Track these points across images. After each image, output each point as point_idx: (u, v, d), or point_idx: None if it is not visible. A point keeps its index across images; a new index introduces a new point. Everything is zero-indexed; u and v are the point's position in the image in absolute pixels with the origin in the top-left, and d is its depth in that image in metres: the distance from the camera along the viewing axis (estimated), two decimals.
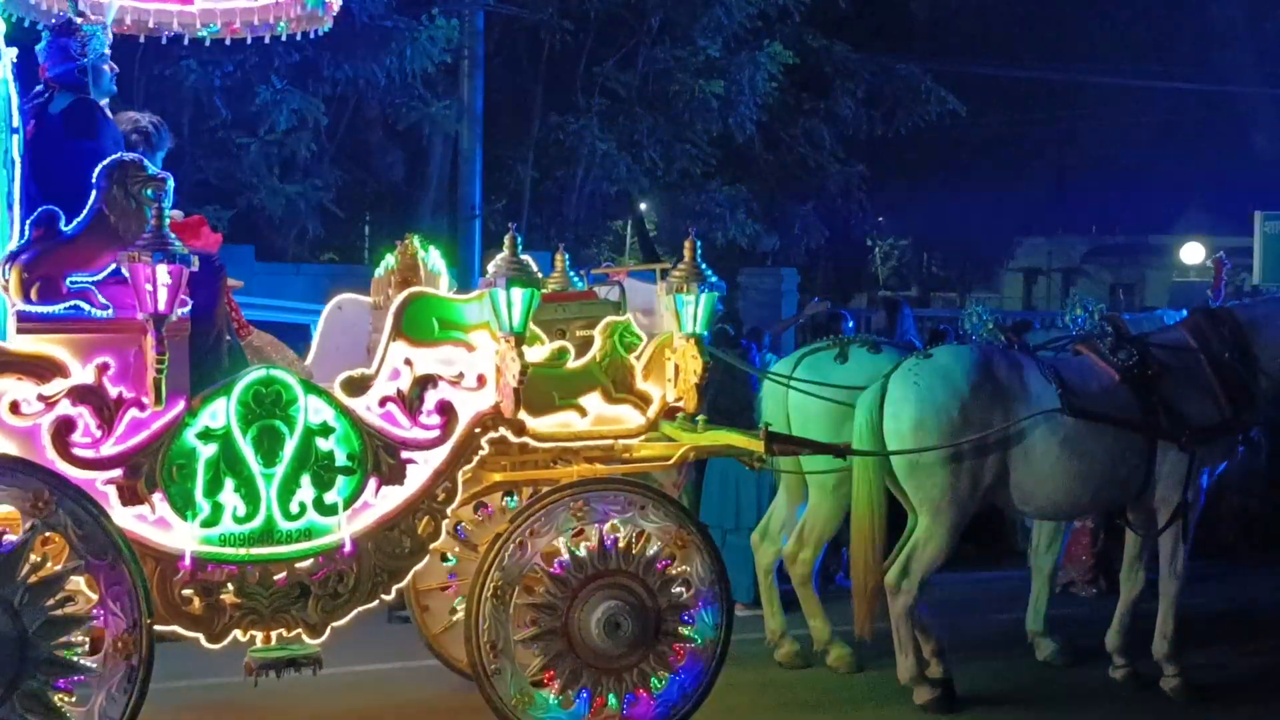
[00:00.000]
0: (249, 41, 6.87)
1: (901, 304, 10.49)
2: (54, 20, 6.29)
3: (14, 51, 5.61)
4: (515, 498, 6.86)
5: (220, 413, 5.53)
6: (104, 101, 6.19)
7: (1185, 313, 7.95)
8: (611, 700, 5.99)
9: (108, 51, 6.20)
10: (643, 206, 21.97)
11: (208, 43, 6.92)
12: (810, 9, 17.60)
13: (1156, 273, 32.58)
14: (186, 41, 6.87)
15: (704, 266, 6.26)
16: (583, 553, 6.00)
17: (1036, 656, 7.99)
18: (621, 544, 6.04)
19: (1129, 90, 26.49)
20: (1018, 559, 9.58)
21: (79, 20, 6.13)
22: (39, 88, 6.02)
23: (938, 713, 6.99)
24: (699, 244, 6.33)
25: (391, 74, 13.63)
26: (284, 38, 6.77)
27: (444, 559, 7.11)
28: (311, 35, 6.96)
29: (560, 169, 17.25)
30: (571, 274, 7.38)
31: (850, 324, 10.78)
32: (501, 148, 17.10)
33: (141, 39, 6.83)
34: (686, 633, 6.12)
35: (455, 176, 16.64)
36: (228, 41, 6.85)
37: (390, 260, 6.70)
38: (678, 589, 6.10)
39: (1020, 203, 28.65)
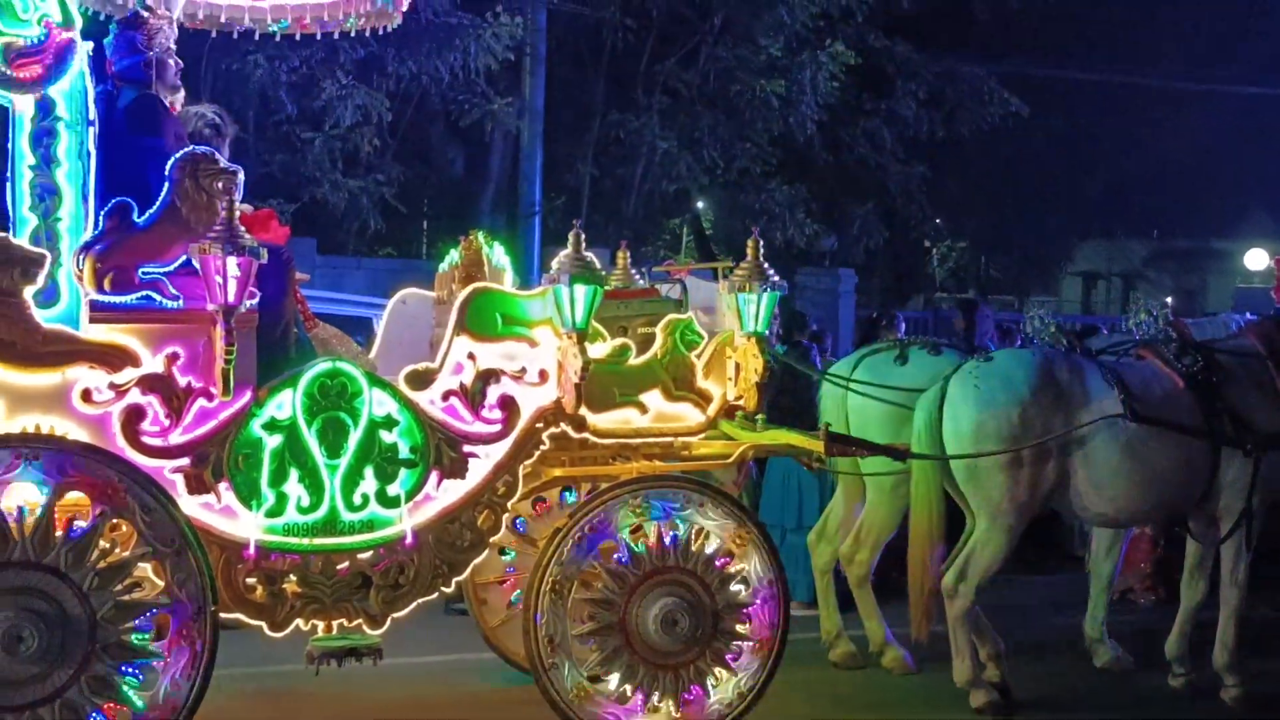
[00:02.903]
0: (318, 37, 6.92)
1: (980, 305, 10.44)
2: (122, 13, 6.39)
3: (89, 45, 5.69)
4: (574, 493, 6.90)
5: (286, 404, 5.60)
6: (172, 96, 6.29)
7: (1250, 317, 7.85)
8: (668, 696, 6.01)
9: (173, 46, 6.30)
10: (699, 205, 21.98)
11: (277, 38, 6.98)
12: (873, 9, 17.55)
13: (1219, 278, 32.20)
14: (257, 36, 6.94)
15: (766, 266, 6.27)
16: (641, 549, 6.03)
17: (1094, 663, 7.93)
18: (680, 541, 6.06)
19: (1191, 93, 26.20)
20: (1075, 564, 9.52)
21: (145, 14, 6.22)
22: (106, 83, 6.11)
23: (994, 716, 6.96)
24: (760, 243, 6.34)
25: (455, 70, 13.71)
26: (353, 34, 6.84)
27: (502, 553, 7.16)
28: (380, 32, 7.03)
29: (620, 167, 17.29)
30: (633, 271, 7.40)
31: (903, 326, 10.74)
32: (562, 145, 17.16)
33: (213, 33, 6.91)
34: (743, 631, 6.13)
35: (515, 173, 16.73)
36: (297, 37, 6.91)
37: (454, 255, 6.74)
38: (735, 587, 6.11)
39: (1080, 206, 28.40)
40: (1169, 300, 21.09)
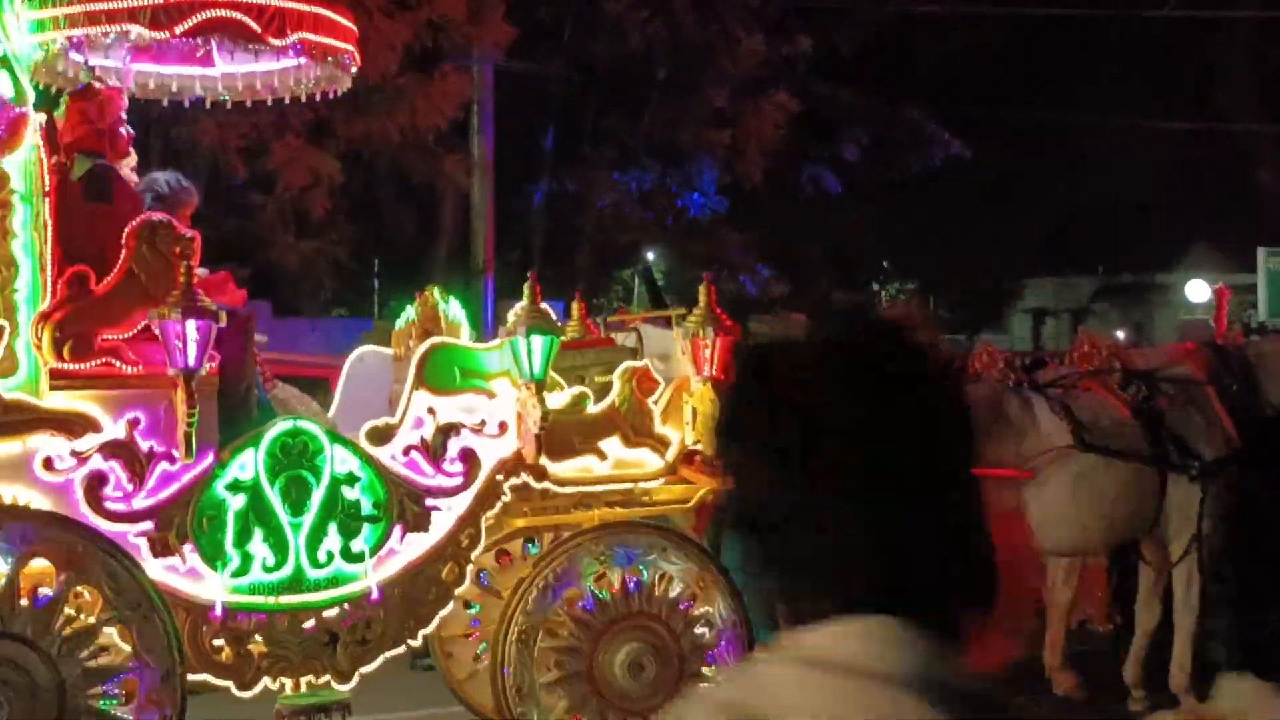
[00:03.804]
0: (268, 103, 7.00)
1: None
2: (73, 86, 6.46)
3: (41, 117, 5.77)
4: (536, 544, 6.96)
5: (249, 464, 5.65)
6: (126, 164, 6.35)
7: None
8: None
9: (124, 115, 6.37)
10: (650, 256, 22.15)
11: (227, 105, 7.05)
12: (815, 57, 17.81)
13: (1164, 310, 32.64)
14: (208, 104, 7.02)
15: (719, 310, 6.39)
16: (605, 595, 6.10)
17: (1054, 691, 8.02)
18: (644, 586, 6.13)
19: (1132, 130, 26.68)
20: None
21: (97, 86, 6.29)
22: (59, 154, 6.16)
23: None
24: (713, 289, 6.46)
25: (404, 130, 13.84)
26: (304, 99, 6.93)
27: (467, 606, 7.17)
28: (329, 96, 7.12)
29: (571, 220, 17.45)
30: (589, 321, 7.51)
31: None
32: (512, 200, 17.30)
33: (164, 102, 6.98)
34: (709, 673, 6.19)
35: (467, 229, 16.84)
36: (248, 103, 6.99)
37: (410, 312, 6.82)
38: (700, 629, 6.19)
39: (1027, 244, 28.78)
40: (1119, 334, 21.38)
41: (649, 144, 17.59)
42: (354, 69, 6.66)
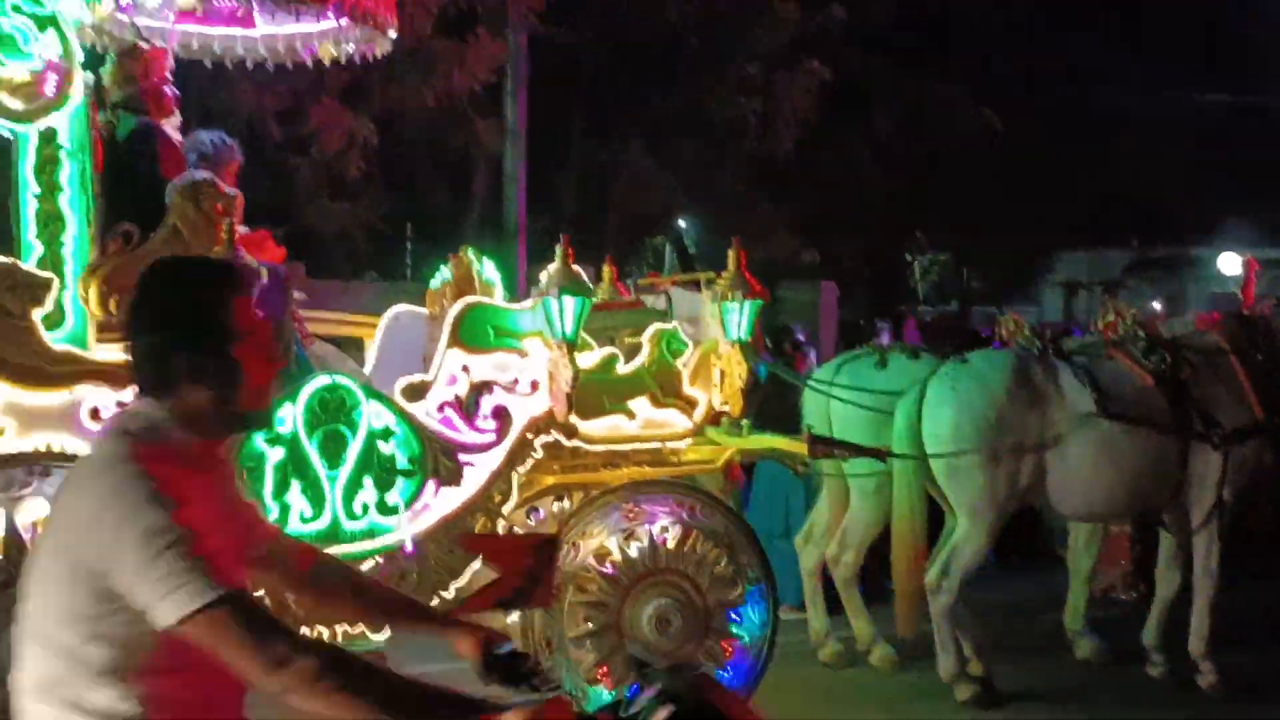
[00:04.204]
0: (310, 64, 7.11)
1: (908, 316, 10.72)
2: (120, 46, 6.59)
3: (89, 76, 5.90)
4: (567, 502, 7.09)
5: (288, 418, 5.78)
6: (170, 123, 6.48)
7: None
8: None
9: (169, 75, 6.50)
10: (681, 224, 22.21)
11: (268, 66, 7.16)
12: (848, 28, 17.78)
13: (1197, 285, 32.50)
14: (249, 65, 7.14)
15: (748, 275, 6.49)
16: (634, 552, 6.22)
17: (1076, 655, 8.14)
18: (671, 543, 6.25)
19: (1169, 103, 26.54)
20: (1057, 563, 9.71)
21: (143, 46, 6.41)
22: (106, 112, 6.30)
23: (979, 709, 7.16)
24: (743, 253, 6.56)
25: (438, 95, 13.92)
26: (343, 61, 7.03)
27: None
28: (366, 59, 7.21)
29: (601, 188, 17.51)
30: (620, 284, 7.62)
31: (885, 335, 11.00)
32: (543, 167, 17.38)
33: (208, 63, 7.10)
34: (735, 630, 6.33)
35: (498, 195, 16.94)
36: (289, 65, 7.11)
37: (445, 272, 6.95)
38: (726, 587, 6.31)
39: (1061, 217, 28.68)
40: (1156, 306, 21.33)
41: (680, 113, 17.61)
42: (392, 31, 6.76)
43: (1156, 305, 21.68)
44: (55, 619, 2.56)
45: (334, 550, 5.79)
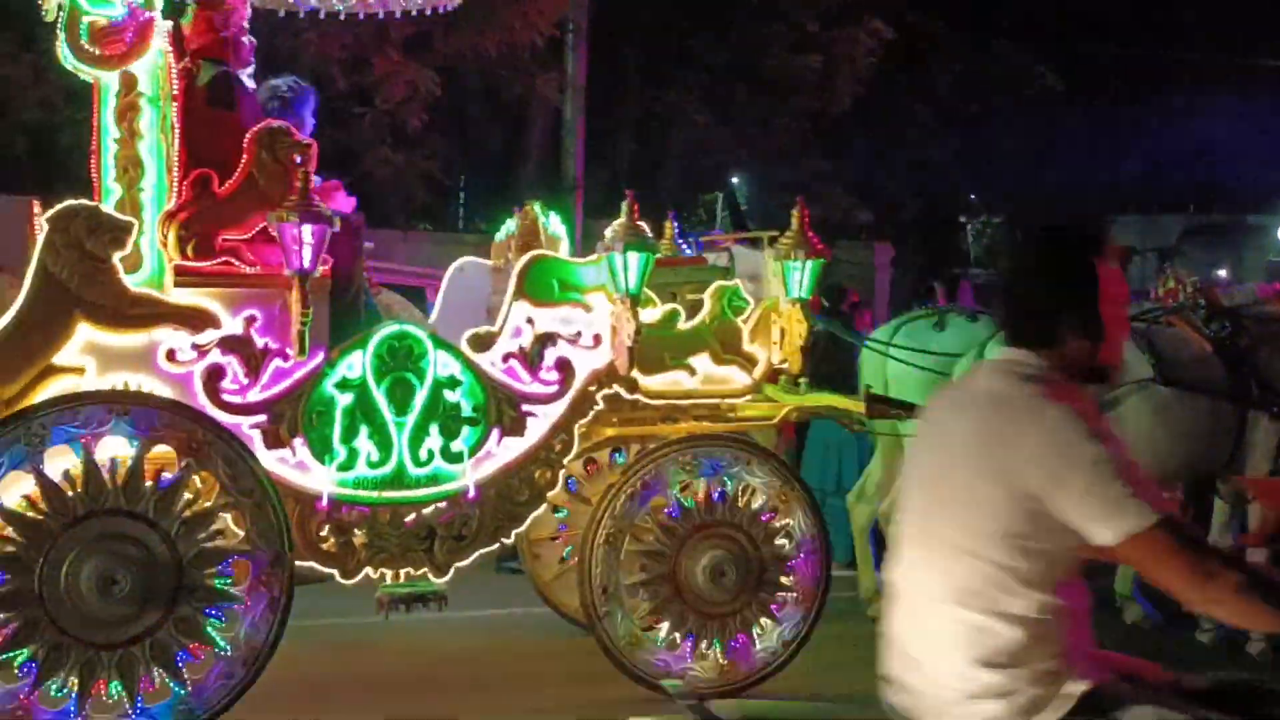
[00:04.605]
0: (379, 16, 7.18)
1: (961, 280, 10.71)
2: None
3: (169, 25, 6.01)
4: (623, 454, 7.21)
5: (357, 364, 5.91)
6: (244, 72, 6.59)
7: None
8: (715, 644, 6.32)
9: (246, 25, 6.60)
10: (734, 180, 22.17)
11: (341, 17, 7.24)
12: None
13: (1254, 253, 32.17)
14: (323, 15, 7.23)
15: (811, 234, 6.55)
16: (690, 504, 6.33)
17: (1125, 620, 8.19)
18: (728, 497, 6.36)
19: (1228, 68, 26.21)
20: None
21: None
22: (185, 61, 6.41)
23: None
24: (806, 213, 6.62)
25: (500, 46, 13.97)
26: (413, 14, 7.11)
27: (555, 510, 7.45)
28: (434, 11, 7.29)
29: (658, 141, 17.52)
30: (679, 241, 7.69)
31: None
32: (601, 120, 17.41)
33: (281, 12, 7.20)
34: (788, 583, 6.43)
35: (554, 147, 16.99)
36: (361, 15, 7.19)
37: (511, 225, 7.04)
38: (780, 541, 6.42)
39: (1116, 181, 28.44)
40: (1222, 273, 21.16)
41: (738, 68, 17.57)
42: None
43: (1221, 273, 21.49)
44: (984, 536, 2.90)
45: (400, 494, 5.97)
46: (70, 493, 5.41)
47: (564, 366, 6.22)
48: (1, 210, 12.00)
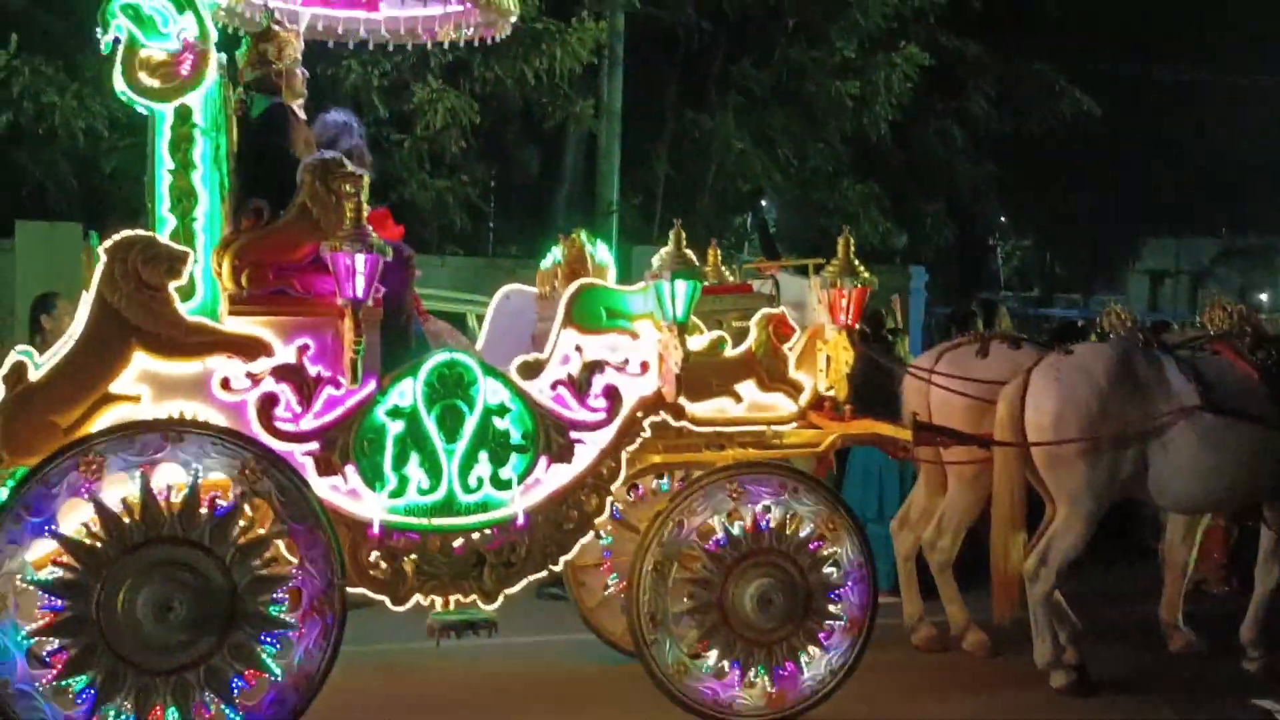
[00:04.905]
0: (427, 45, 7.24)
1: (998, 306, 10.75)
2: (254, 28, 6.80)
3: (223, 57, 6.10)
4: (667, 480, 7.24)
5: (408, 392, 5.96)
6: (296, 103, 6.68)
7: None
8: (762, 672, 6.33)
9: (299, 57, 6.69)
10: (763, 204, 22.21)
11: (389, 47, 7.32)
12: (944, 9, 17.68)
13: None
14: (371, 46, 7.31)
15: (857, 262, 6.59)
16: (738, 531, 6.35)
17: (1169, 647, 8.16)
18: (774, 524, 6.38)
19: (1261, 89, 26.17)
20: (1149, 556, 9.73)
21: (275, 28, 6.61)
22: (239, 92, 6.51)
23: (1073, 697, 7.22)
24: (852, 241, 6.66)
25: (540, 74, 14.06)
26: (462, 44, 7.18)
27: (600, 537, 7.48)
28: (479, 42, 7.35)
29: (694, 165, 17.57)
30: (723, 268, 7.73)
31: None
32: (636, 144, 17.46)
33: (330, 44, 7.28)
34: (835, 611, 6.44)
35: (589, 172, 17.05)
36: (409, 46, 7.26)
37: (557, 253, 7.09)
38: (828, 569, 6.43)
39: (1148, 203, 28.41)
40: (1263, 297, 21.12)
41: (775, 92, 17.60)
42: (514, 16, 6.89)
43: (1263, 297, 21.44)
44: None
45: (450, 521, 6.01)
46: (127, 520, 5.46)
47: (612, 394, 6.26)
48: (47, 237, 12.19)
